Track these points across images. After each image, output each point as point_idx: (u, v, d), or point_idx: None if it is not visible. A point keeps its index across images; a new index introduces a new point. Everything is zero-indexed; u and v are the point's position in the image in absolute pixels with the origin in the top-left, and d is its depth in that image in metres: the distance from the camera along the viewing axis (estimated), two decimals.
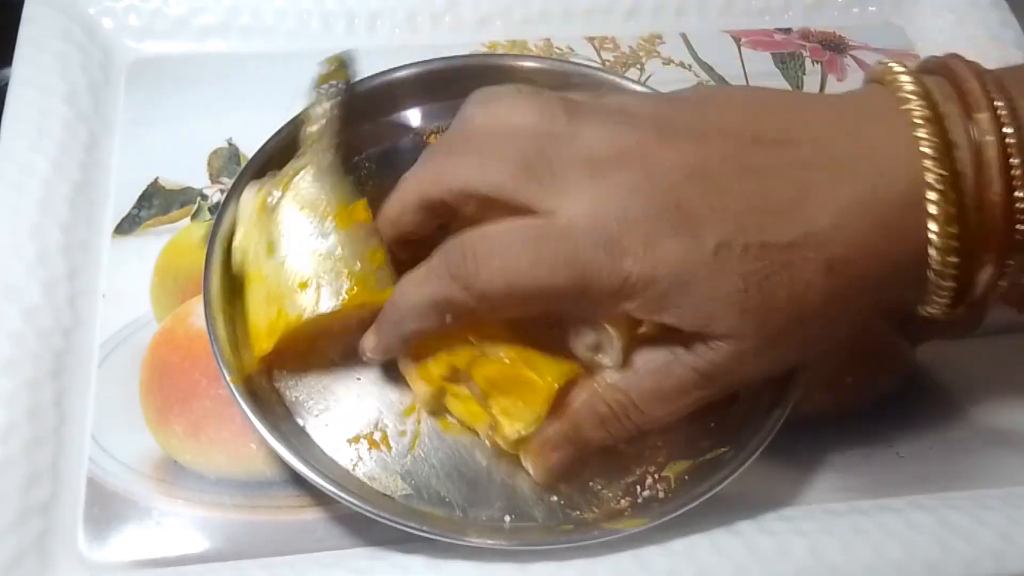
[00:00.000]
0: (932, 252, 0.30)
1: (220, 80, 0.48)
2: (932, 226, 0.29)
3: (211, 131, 0.46)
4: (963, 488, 0.39)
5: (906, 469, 0.39)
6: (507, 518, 0.36)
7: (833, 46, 0.53)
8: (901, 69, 0.31)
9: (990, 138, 0.29)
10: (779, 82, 0.51)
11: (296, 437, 0.36)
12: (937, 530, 0.36)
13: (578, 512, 0.36)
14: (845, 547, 0.35)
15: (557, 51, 0.51)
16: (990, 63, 0.32)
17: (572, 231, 0.30)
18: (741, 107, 0.32)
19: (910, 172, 0.29)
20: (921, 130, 0.30)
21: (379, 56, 0.45)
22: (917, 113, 0.30)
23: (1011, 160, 0.29)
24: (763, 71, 0.52)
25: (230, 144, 0.46)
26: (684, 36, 0.53)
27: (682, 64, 0.51)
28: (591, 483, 0.36)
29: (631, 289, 0.30)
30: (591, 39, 0.52)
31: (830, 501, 0.38)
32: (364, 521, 0.36)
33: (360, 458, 0.37)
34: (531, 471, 0.36)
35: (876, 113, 0.31)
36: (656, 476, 0.37)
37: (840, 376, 0.41)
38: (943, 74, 0.31)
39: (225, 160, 0.46)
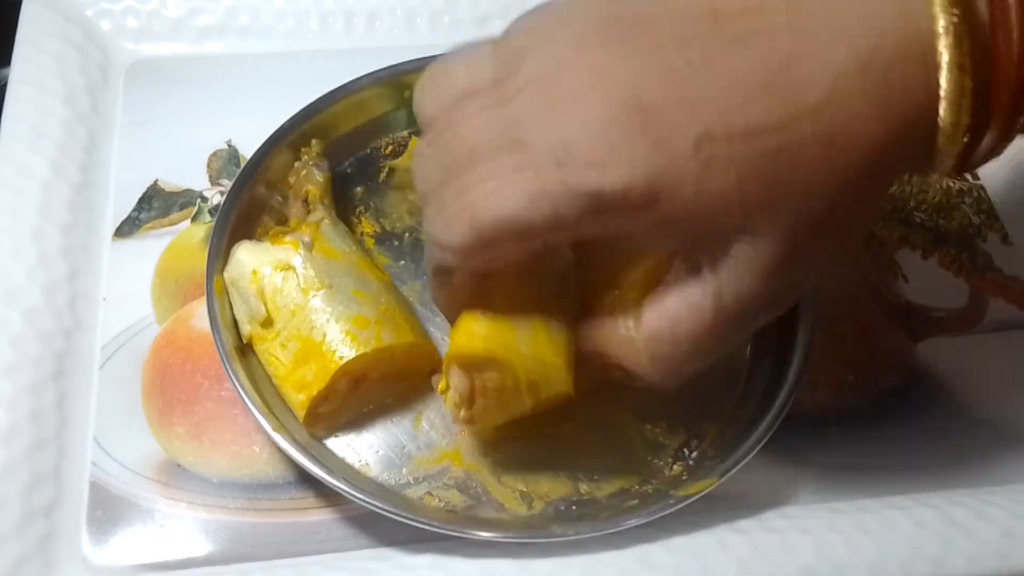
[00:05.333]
0: (942, 110, 0.26)
1: (219, 81, 0.48)
2: (943, 79, 0.26)
3: (210, 132, 0.46)
4: (966, 485, 0.39)
5: (908, 466, 0.39)
6: (581, 487, 0.37)
7: None
8: None
9: None
10: None
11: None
12: (940, 527, 0.36)
13: (637, 487, 0.37)
14: (849, 544, 0.35)
15: None
16: None
17: (536, 160, 0.27)
18: None
19: (912, 22, 0.26)
20: None
21: (377, 56, 0.45)
22: None
23: None
24: None
25: (229, 145, 0.46)
26: None
27: None
28: (639, 454, 0.37)
29: (612, 207, 0.27)
30: None
31: (833, 499, 0.38)
32: (368, 522, 0.36)
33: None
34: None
35: None
36: (699, 436, 0.38)
37: (842, 374, 0.41)
38: None
39: (224, 161, 0.46)
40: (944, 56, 0.26)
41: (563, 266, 0.35)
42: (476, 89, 0.29)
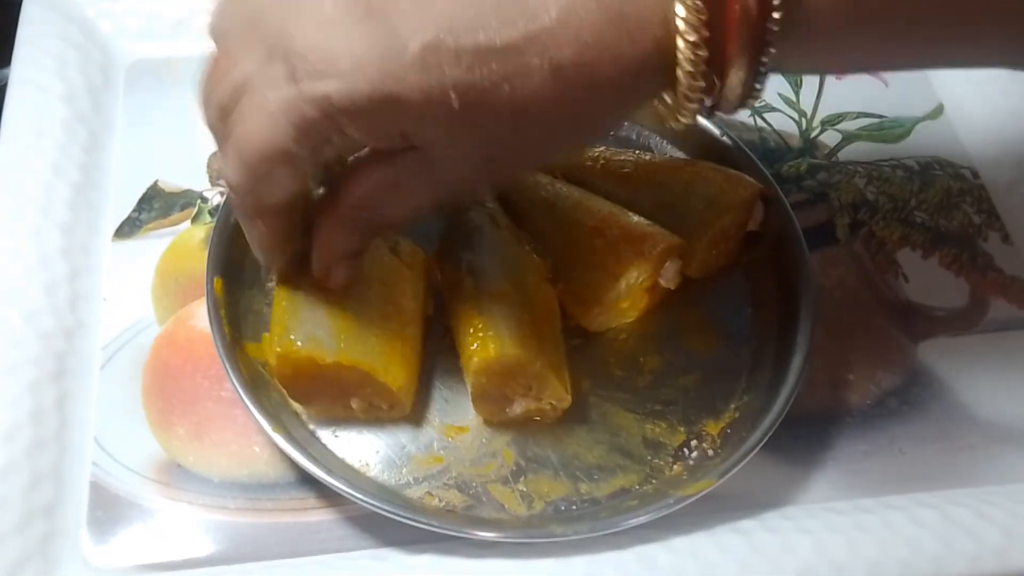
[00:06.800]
0: (680, 44, 0.26)
1: None
2: (679, 11, 0.25)
3: (210, 133, 0.46)
4: (966, 485, 0.39)
5: (909, 466, 0.39)
6: (581, 487, 0.37)
7: None
8: None
9: None
10: None
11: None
12: (940, 527, 0.36)
13: (637, 487, 0.37)
14: (849, 544, 0.35)
15: None
16: None
17: (270, 72, 0.27)
18: None
19: None
20: None
21: None
22: None
23: None
24: None
25: None
26: None
27: None
28: (639, 454, 0.38)
29: (343, 112, 0.27)
30: None
31: (833, 499, 0.38)
32: (369, 522, 0.36)
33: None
34: None
35: None
36: (699, 436, 0.38)
37: (842, 374, 0.41)
38: None
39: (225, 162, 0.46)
40: None
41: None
42: (251, 9, 0.29)
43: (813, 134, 0.49)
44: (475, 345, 0.35)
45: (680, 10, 0.25)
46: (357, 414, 0.37)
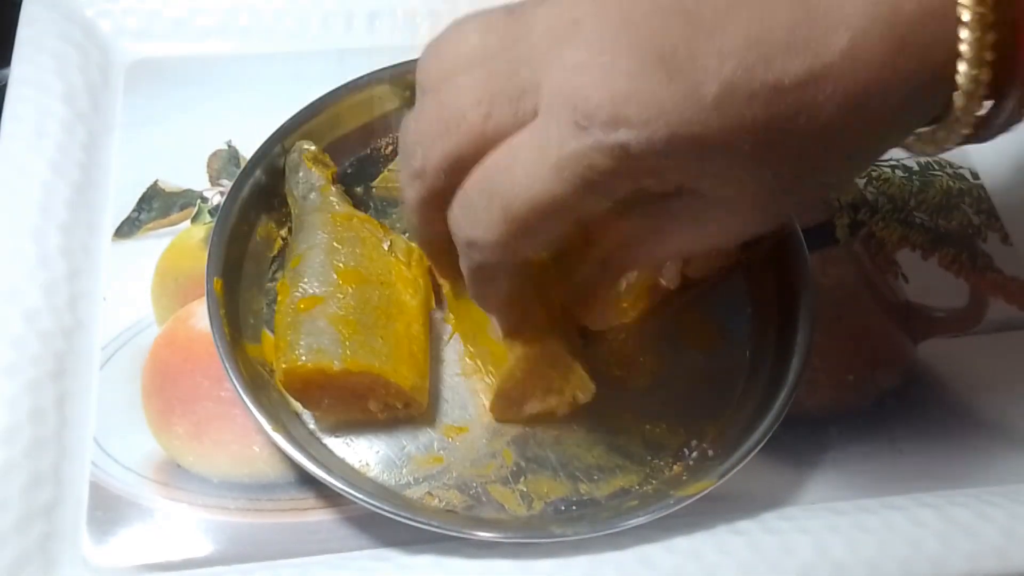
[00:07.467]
0: (961, 67, 0.25)
1: (219, 81, 0.48)
2: (963, 35, 0.25)
3: (210, 133, 0.46)
4: (966, 485, 0.39)
5: (909, 466, 0.39)
6: (581, 487, 0.37)
7: None
8: None
9: None
10: None
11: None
12: (940, 527, 0.36)
13: (637, 487, 0.37)
14: (849, 544, 0.35)
15: None
16: None
17: (551, 122, 0.26)
18: None
19: None
20: None
21: (377, 56, 0.45)
22: None
23: None
24: None
25: (229, 146, 0.46)
26: None
27: None
28: (639, 454, 0.38)
29: (639, 160, 0.26)
30: None
31: (833, 499, 0.38)
32: (368, 522, 0.36)
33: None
34: None
35: None
36: (699, 437, 0.38)
37: (842, 374, 0.41)
38: None
39: (224, 162, 0.46)
40: (966, 13, 0.25)
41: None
42: (487, 46, 0.28)
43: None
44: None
45: (965, 35, 0.25)
46: (375, 416, 0.37)
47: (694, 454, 0.38)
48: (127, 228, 0.43)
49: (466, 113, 0.27)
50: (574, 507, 0.36)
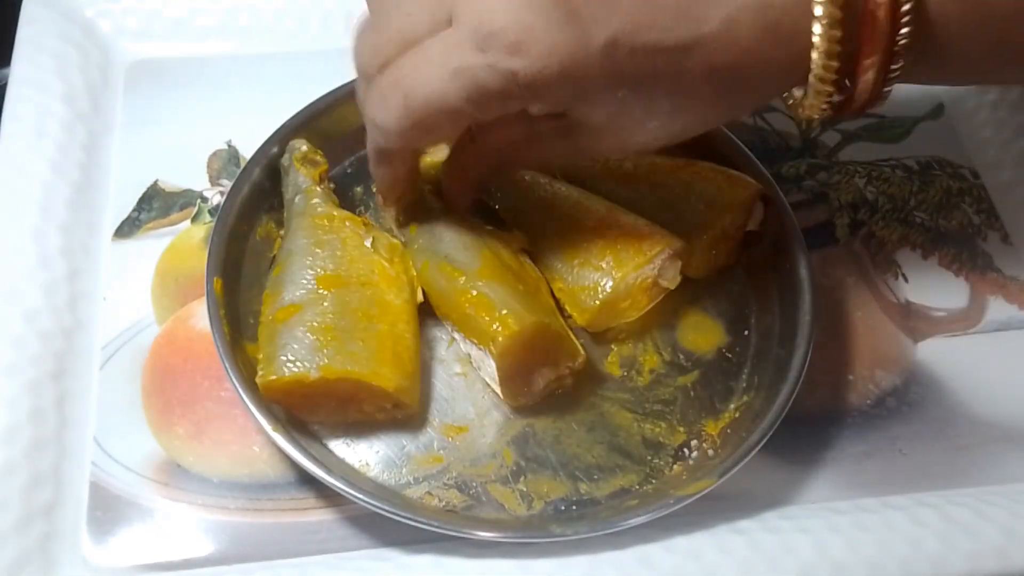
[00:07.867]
0: (814, 55, 0.29)
1: (219, 81, 0.48)
2: (816, 28, 0.29)
3: (210, 133, 0.46)
4: (965, 484, 0.39)
5: (909, 466, 0.39)
6: (581, 487, 0.37)
7: None
8: None
9: None
10: None
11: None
12: (940, 526, 0.36)
13: (637, 487, 0.37)
14: (849, 544, 0.35)
15: None
16: None
17: (462, 42, 0.30)
18: None
19: None
20: None
21: None
22: None
23: None
24: None
25: (229, 146, 0.46)
26: None
27: None
28: (639, 454, 0.38)
29: (526, 86, 0.30)
30: None
31: (833, 499, 0.38)
32: (368, 522, 0.36)
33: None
34: None
35: None
36: (699, 436, 0.38)
37: (842, 374, 0.42)
38: None
39: (224, 162, 0.46)
40: (818, 8, 0.29)
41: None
42: None
43: (813, 134, 0.49)
44: (496, 326, 0.35)
45: (818, 28, 0.29)
46: (373, 417, 0.37)
47: (694, 454, 0.38)
48: (127, 228, 0.43)
49: (392, 18, 0.32)
50: (574, 507, 0.36)
